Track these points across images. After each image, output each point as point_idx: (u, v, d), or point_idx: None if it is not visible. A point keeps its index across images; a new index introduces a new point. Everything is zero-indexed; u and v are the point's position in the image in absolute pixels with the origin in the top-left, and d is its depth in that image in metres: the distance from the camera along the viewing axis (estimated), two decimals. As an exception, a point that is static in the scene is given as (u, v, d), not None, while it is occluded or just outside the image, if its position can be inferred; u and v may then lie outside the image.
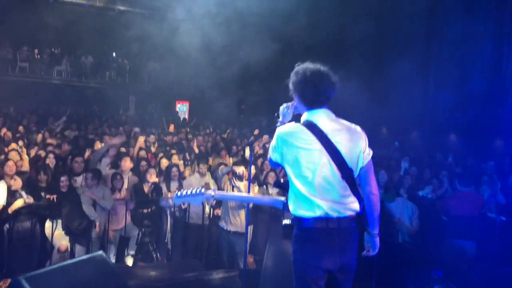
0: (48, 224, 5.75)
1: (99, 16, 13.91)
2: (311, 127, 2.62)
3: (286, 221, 2.85)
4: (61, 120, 11.16)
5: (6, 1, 14.09)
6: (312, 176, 2.57)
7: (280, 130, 2.68)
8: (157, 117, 15.35)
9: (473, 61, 12.28)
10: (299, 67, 2.72)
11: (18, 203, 5.45)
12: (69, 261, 3.70)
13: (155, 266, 5.41)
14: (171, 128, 11.57)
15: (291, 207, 2.69)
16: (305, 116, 2.72)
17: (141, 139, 8.89)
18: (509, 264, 5.63)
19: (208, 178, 6.95)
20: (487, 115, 11.19)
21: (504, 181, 7.90)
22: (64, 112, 12.51)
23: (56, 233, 5.77)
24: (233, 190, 5.85)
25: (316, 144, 2.58)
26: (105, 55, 17.66)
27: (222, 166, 6.88)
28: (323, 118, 2.66)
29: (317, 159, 2.57)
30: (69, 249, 5.70)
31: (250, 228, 6.71)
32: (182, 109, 19.94)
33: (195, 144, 10.07)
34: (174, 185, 6.74)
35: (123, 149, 7.95)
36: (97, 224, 5.92)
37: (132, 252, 6.20)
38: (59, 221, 5.77)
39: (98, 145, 8.20)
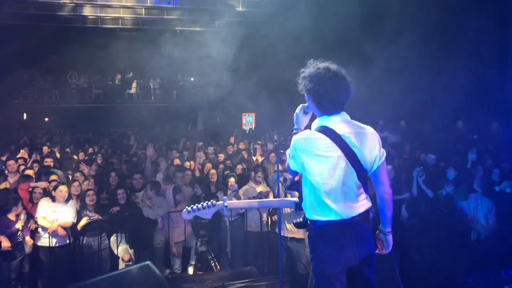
0: (113, 238, 6.11)
1: (161, 38, 14.60)
2: (328, 132, 2.54)
3: (298, 220, 2.77)
4: (131, 141, 11.89)
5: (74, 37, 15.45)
6: (332, 182, 2.53)
7: (296, 138, 2.60)
8: (223, 130, 15.72)
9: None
10: (313, 70, 2.61)
11: (84, 221, 5.84)
12: (118, 271, 3.89)
13: (212, 274, 5.50)
14: (232, 140, 11.77)
15: (306, 212, 2.67)
16: (320, 121, 2.63)
17: (201, 155, 9.19)
18: None
19: (263, 186, 6.95)
20: None
21: None
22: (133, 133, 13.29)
23: (122, 247, 6.12)
24: (285, 196, 5.83)
25: (335, 150, 2.52)
26: (171, 75, 18.50)
27: (274, 173, 6.86)
28: (339, 122, 2.59)
29: (337, 165, 2.52)
30: (133, 258, 5.99)
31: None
32: (249, 120, 20.31)
33: (258, 153, 10.17)
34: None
35: (177, 161, 8.30)
36: (160, 222, 6.25)
37: (192, 262, 6.38)
38: (123, 235, 6.13)
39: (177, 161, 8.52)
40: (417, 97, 10.83)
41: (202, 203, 2.87)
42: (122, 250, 6.09)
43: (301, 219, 2.75)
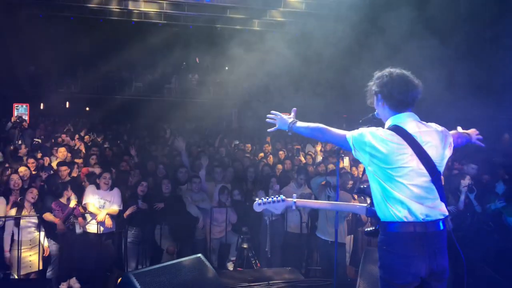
0: (156, 230, 6.25)
1: (202, 35, 14.86)
2: (400, 131, 2.56)
3: (369, 228, 2.75)
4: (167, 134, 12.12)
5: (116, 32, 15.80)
6: (402, 180, 2.52)
7: (369, 132, 2.58)
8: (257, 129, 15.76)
9: None
10: (383, 72, 2.70)
11: (130, 210, 6.00)
12: (172, 262, 3.97)
13: (253, 271, 5.55)
14: (268, 139, 11.78)
15: (378, 212, 2.64)
16: (390, 121, 2.66)
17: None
18: None
19: (305, 188, 6.95)
20: None
21: None
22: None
23: (164, 239, 6.26)
24: (328, 200, 5.81)
25: (406, 149, 2.52)
26: (208, 72, 18.69)
27: (317, 176, 6.86)
28: (410, 121, 2.61)
29: (408, 163, 2.51)
30: (176, 250, 6.11)
31: (351, 238, 6.59)
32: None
33: (301, 154, 10.19)
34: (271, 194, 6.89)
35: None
36: (201, 222, 6.35)
37: (233, 258, 6.45)
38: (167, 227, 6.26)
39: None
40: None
41: (272, 196, 2.93)
42: (165, 242, 6.22)
43: (372, 228, 2.73)
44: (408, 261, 2.51)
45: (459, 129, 3.07)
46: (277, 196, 2.90)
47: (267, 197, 2.89)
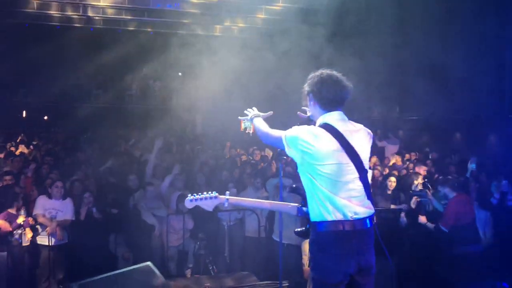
0: (112, 237, 6.12)
1: (163, 42, 14.66)
2: (329, 129, 2.63)
3: (299, 229, 2.78)
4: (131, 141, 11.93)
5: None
6: (331, 177, 2.57)
7: (301, 130, 2.65)
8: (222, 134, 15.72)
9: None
10: (315, 73, 2.79)
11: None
12: (119, 271, 3.90)
13: (209, 278, 5.52)
14: (228, 144, 11.78)
15: (309, 211, 2.67)
16: (321, 120, 2.73)
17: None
18: None
19: (263, 192, 6.96)
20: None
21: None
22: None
23: (120, 247, 6.14)
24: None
25: (336, 146, 2.59)
26: (171, 78, 18.52)
27: (271, 179, 6.89)
28: (339, 120, 2.69)
29: (337, 160, 2.58)
30: (131, 256, 6.00)
31: (307, 241, 6.66)
32: (247, 124, 20.36)
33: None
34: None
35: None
36: (157, 230, 6.27)
37: (191, 265, 6.39)
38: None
39: None
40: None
41: (205, 193, 2.88)
42: (120, 250, 6.10)
43: (303, 228, 2.76)
44: (338, 259, 2.56)
45: None
46: (210, 192, 2.87)
47: (199, 194, 2.85)
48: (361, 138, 2.69)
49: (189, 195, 2.87)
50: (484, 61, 11.33)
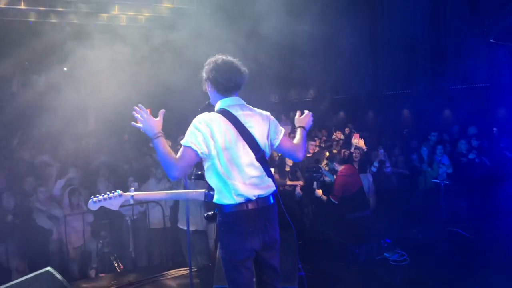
0: (2, 248, 5.68)
1: (50, 32, 13.56)
2: (225, 113, 2.74)
3: (208, 213, 2.89)
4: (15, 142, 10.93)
5: None
6: (229, 161, 2.69)
7: (197, 118, 2.73)
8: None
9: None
10: (211, 59, 2.85)
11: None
12: (15, 281, 3.68)
13: (115, 275, 5.43)
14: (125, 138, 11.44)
15: (214, 198, 2.77)
16: (218, 105, 2.83)
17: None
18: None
19: (166, 182, 6.90)
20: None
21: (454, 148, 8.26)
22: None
23: (13, 257, 5.72)
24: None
25: (232, 129, 2.70)
26: (57, 71, 17.23)
27: None
28: (235, 105, 2.81)
29: (234, 143, 2.69)
30: (27, 269, 5.63)
31: (215, 225, 6.81)
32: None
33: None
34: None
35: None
36: (55, 233, 5.95)
37: (94, 265, 6.20)
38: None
39: None
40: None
41: (108, 193, 2.84)
42: (13, 261, 5.69)
43: (211, 212, 2.86)
44: (243, 237, 2.69)
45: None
46: (113, 192, 2.85)
47: (103, 194, 2.81)
48: (256, 121, 2.80)
49: (92, 196, 2.80)
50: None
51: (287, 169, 7.32)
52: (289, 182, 7.19)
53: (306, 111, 3.28)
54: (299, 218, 7.31)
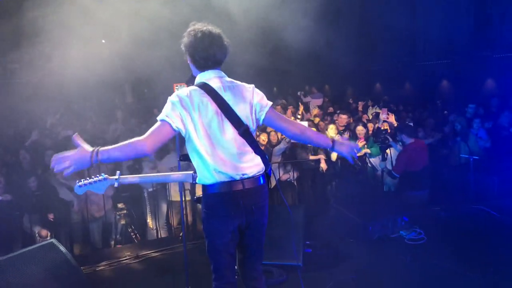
0: (26, 217, 5.91)
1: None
2: (205, 87, 2.58)
3: (198, 195, 2.78)
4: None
5: None
6: (210, 138, 2.52)
7: (175, 95, 2.57)
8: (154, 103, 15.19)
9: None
10: (191, 29, 2.65)
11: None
12: (20, 251, 3.79)
13: (130, 246, 5.54)
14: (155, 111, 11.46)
15: (198, 176, 2.63)
16: (198, 79, 2.68)
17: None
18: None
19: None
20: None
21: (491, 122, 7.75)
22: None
23: (37, 226, 5.95)
24: None
25: (211, 104, 2.53)
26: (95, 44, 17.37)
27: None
28: (214, 78, 2.63)
29: (213, 119, 2.53)
30: (49, 233, 5.84)
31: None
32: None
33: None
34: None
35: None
36: (76, 205, 6.09)
37: (115, 236, 6.35)
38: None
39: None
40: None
41: (93, 176, 2.79)
42: (36, 227, 5.91)
43: (200, 195, 2.75)
44: (226, 220, 2.56)
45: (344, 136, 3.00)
46: (97, 175, 2.79)
47: (88, 178, 2.76)
48: (237, 93, 2.62)
49: (77, 181, 2.73)
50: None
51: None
52: (311, 157, 7.02)
53: (352, 143, 2.89)
54: (321, 194, 7.17)
